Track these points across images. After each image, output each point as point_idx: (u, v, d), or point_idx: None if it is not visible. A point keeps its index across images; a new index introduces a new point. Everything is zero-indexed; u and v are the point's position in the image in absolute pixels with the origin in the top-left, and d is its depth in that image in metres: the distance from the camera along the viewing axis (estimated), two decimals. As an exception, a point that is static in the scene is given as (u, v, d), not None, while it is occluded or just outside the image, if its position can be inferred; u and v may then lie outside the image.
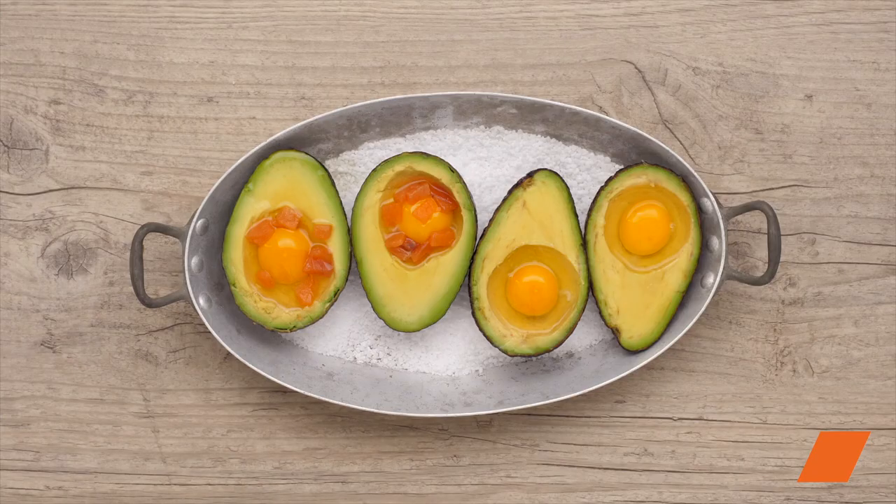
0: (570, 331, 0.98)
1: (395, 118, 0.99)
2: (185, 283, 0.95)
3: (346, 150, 1.00)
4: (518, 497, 1.02)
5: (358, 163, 1.00)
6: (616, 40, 1.01)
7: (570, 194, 0.98)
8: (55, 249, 1.02)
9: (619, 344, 0.99)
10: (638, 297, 0.98)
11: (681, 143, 1.02)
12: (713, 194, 0.97)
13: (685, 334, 0.98)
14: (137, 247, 0.93)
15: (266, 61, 1.01)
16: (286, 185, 0.97)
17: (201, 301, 0.96)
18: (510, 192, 0.97)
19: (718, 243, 0.96)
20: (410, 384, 1.00)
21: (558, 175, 0.97)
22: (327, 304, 0.97)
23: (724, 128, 1.02)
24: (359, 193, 0.98)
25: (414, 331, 0.98)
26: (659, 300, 0.98)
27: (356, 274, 1.00)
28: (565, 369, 1.00)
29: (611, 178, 0.98)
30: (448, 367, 1.01)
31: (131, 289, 1.00)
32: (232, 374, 1.02)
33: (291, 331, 0.98)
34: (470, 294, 0.97)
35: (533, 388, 0.98)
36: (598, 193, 0.98)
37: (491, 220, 0.97)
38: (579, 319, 0.98)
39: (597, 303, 0.98)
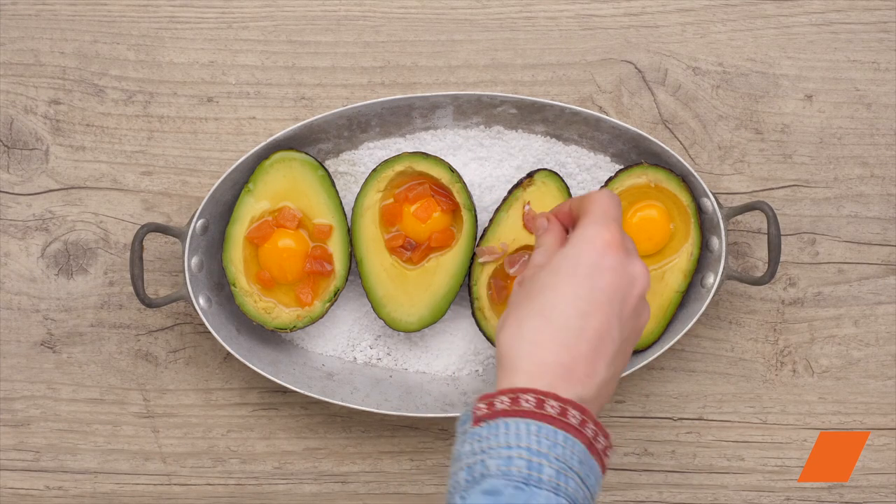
0: (570, 331, 0.98)
1: (395, 118, 0.99)
2: (185, 283, 0.95)
3: (346, 150, 1.00)
4: (518, 497, 1.02)
5: (358, 163, 1.00)
6: (616, 40, 1.01)
7: (570, 194, 0.98)
8: (55, 249, 1.02)
9: (619, 344, 0.99)
10: (638, 297, 0.98)
11: (681, 143, 1.02)
12: (713, 194, 0.97)
13: (685, 334, 0.98)
14: (137, 247, 0.93)
15: (266, 61, 1.01)
16: (286, 185, 0.97)
17: (201, 301, 0.96)
18: (510, 192, 0.97)
19: (718, 243, 0.96)
20: (410, 384, 1.00)
21: (558, 175, 0.97)
22: (327, 304, 0.97)
23: (724, 128, 1.02)
24: (359, 193, 0.98)
25: (414, 331, 0.98)
26: (659, 300, 0.98)
27: (356, 274, 1.00)
28: (565, 369, 1.00)
29: (611, 178, 0.98)
30: (448, 367, 1.01)
31: (131, 289, 1.00)
32: (232, 374, 1.02)
33: (291, 331, 0.98)
34: (470, 294, 0.97)
35: (533, 388, 0.98)
36: (598, 193, 0.98)
37: (491, 220, 0.97)
38: (579, 319, 0.98)
39: (597, 303, 0.98)
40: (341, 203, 0.98)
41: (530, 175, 0.97)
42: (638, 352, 0.98)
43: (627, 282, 0.78)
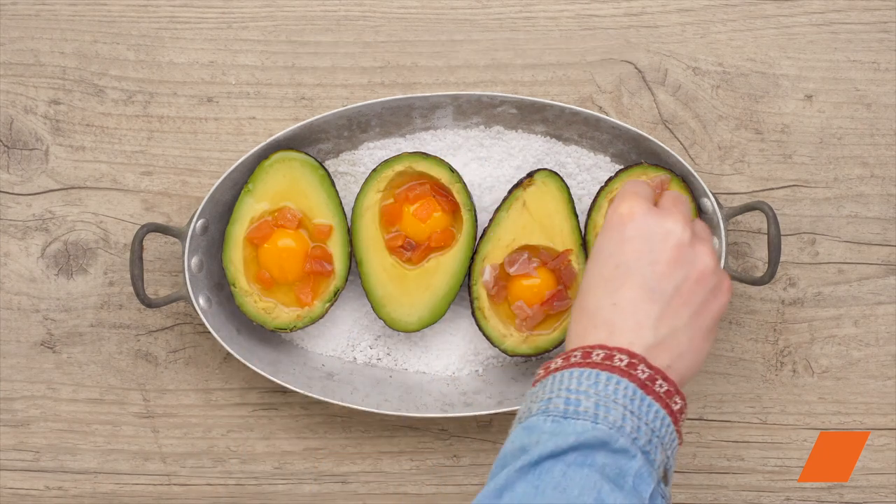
0: (570, 331, 0.98)
1: (395, 118, 0.99)
2: (185, 283, 0.95)
3: (346, 150, 1.00)
4: (518, 497, 1.02)
5: (358, 163, 1.00)
6: (616, 40, 1.01)
7: (570, 194, 0.98)
8: (55, 249, 1.02)
9: (619, 344, 0.98)
10: (638, 297, 0.98)
11: (681, 143, 1.02)
12: (713, 194, 0.97)
13: (685, 334, 0.98)
14: (137, 247, 0.94)
15: (266, 61, 1.01)
16: (286, 185, 0.97)
17: (201, 301, 0.96)
18: (510, 192, 0.97)
19: (718, 243, 0.96)
20: (410, 384, 1.00)
21: (558, 175, 0.97)
22: (327, 304, 0.97)
23: (724, 128, 1.02)
24: (359, 193, 0.98)
25: (414, 331, 0.98)
26: (659, 300, 0.98)
27: (356, 274, 1.00)
28: (565, 369, 1.00)
29: (611, 178, 0.98)
30: (448, 367, 1.01)
31: (131, 289, 1.00)
32: (232, 374, 1.02)
33: (291, 331, 0.98)
34: (470, 294, 0.97)
35: (533, 388, 0.98)
36: (598, 193, 0.98)
37: (491, 220, 0.97)
38: (579, 319, 0.98)
39: (597, 303, 0.98)
40: (341, 203, 0.98)
41: (530, 175, 0.97)
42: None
43: (658, 239, 0.84)
